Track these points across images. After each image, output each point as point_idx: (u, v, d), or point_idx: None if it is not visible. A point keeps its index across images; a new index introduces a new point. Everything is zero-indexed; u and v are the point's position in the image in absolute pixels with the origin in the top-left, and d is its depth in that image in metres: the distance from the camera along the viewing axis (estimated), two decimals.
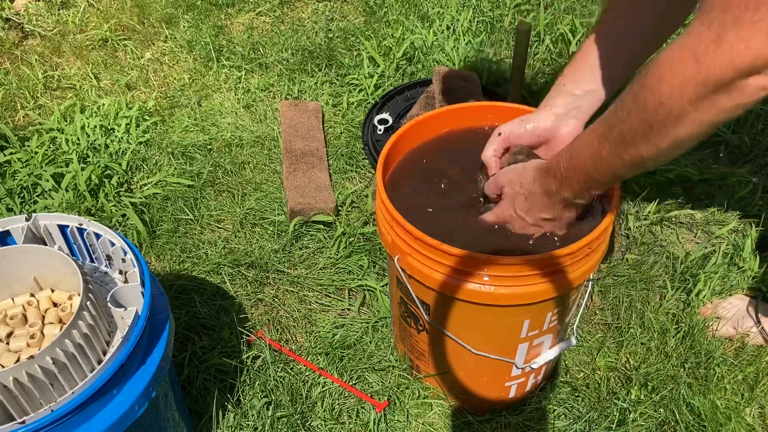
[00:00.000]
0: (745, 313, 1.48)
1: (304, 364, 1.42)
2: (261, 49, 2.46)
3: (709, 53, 0.68)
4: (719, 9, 0.66)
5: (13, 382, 0.81)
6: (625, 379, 1.40)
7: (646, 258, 1.65)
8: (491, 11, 2.55)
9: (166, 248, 1.70)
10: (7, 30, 2.58)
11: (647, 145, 0.81)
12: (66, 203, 1.74)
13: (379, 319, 1.51)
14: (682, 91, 0.72)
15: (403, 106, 2.08)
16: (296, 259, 1.68)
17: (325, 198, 1.76)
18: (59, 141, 1.98)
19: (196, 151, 2.01)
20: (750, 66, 0.66)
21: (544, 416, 1.34)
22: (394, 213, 1.05)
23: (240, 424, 1.31)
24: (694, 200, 1.81)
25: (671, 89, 0.73)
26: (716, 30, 0.67)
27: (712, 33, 0.67)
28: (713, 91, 0.70)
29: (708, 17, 0.68)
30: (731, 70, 0.67)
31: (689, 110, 0.73)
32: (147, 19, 2.65)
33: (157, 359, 0.96)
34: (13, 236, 1.04)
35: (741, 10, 0.64)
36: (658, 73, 0.75)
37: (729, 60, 0.67)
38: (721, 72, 0.68)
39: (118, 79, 2.32)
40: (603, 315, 1.54)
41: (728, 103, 0.71)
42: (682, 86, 0.72)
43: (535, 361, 1.20)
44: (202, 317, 1.51)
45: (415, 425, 1.33)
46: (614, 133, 0.84)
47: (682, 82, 0.72)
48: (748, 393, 1.37)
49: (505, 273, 0.99)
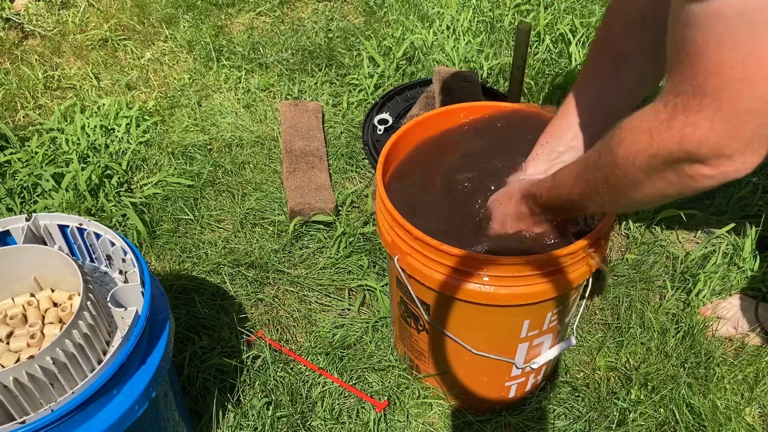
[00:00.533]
0: (745, 313, 1.48)
1: (304, 364, 1.42)
2: (261, 49, 2.46)
3: (661, 131, 0.71)
4: (674, 92, 0.69)
5: (13, 382, 0.81)
6: (625, 379, 1.40)
7: (646, 258, 1.65)
8: (491, 11, 2.55)
9: (166, 248, 1.70)
10: (7, 30, 2.58)
11: (608, 198, 0.86)
12: (66, 203, 1.74)
13: (379, 319, 1.51)
14: (635, 158, 0.76)
15: (403, 106, 2.08)
16: (296, 259, 1.68)
17: (325, 198, 1.76)
18: (59, 141, 1.98)
19: (196, 151, 2.01)
20: (695, 151, 0.68)
21: (544, 416, 1.34)
22: (394, 213, 1.05)
23: (240, 424, 1.31)
24: (694, 200, 1.81)
25: (626, 155, 0.77)
26: (670, 111, 0.69)
27: (666, 113, 0.70)
28: (663, 166, 0.73)
29: (666, 97, 0.70)
30: (678, 150, 0.70)
31: (642, 177, 0.77)
32: (147, 19, 2.65)
33: (157, 359, 0.96)
34: (13, 236, 1.04)
35: (689, 97, 0.67)
36: (618, 137, 0.79)
37: (677, 140, 0.69)
38: (668, 151, 0.71)
39: (118, 79, 2.32)
40: (603, 315, 1.54)
41: (676, 180, 0.74)
42: (636, 155, 0.76)
43: (535, 361, 1.20)
44: (202, 317, 1.51)
45: (415, 425, 1.33)
46: (584, 179, 0.89)
47: (636, 151, 0.75)
48: (748, 393, 1.37)
49: (505, 273, 0.99)
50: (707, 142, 0.67)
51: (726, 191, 1.81)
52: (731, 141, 0.66)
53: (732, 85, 0.63)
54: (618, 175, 0.80)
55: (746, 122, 0.65)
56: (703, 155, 0.68)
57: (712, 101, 0.65)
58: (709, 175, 0.70)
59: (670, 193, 0.77)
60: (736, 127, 0.65)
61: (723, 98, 0.64)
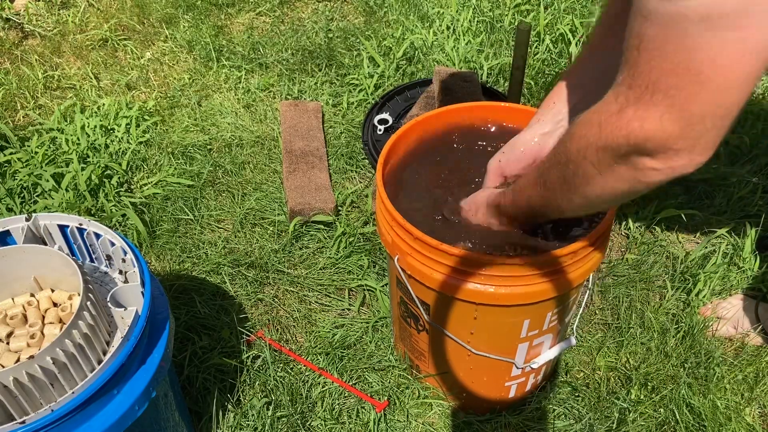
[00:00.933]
0: (745, 313, 1.48)
1: (304, 364, 1.42)
2: (261, 49, 2.46)
3: (610, 123, 0.71)
4: (626, 84, 0.69)
5: (13, 382, 0.81)
6: (625, 379, 1.40)
7: (646, 258, 1.65)
8: (491, 11, 2.55)
9: (166, 248, 1.70)
10: (7, 30, 2.58)
11: (563, 197, 0.87)
12: (66, 203, 1.74)
13: (379, 319, 1.51)
14: (586, 152, 0.76)
15: (403, 106, 2.08)
16: (296, 259, 1.68)
17: (325, 198, 1.76)
18: (59, 141, 1.98)
19: (196, 151, 2.01)
20: (642, 144, 0.69)
21: (544, 416, 1.34)
22: (394, 213, 1.05)
23: (240, 424, 1.31)
24: (694, 200, 1.81)
25: (578, 149, 0.78)
26: (621, 103, 0.70)
27: (617, 105, 0.70)
28: (611, 159, 0.73)
29: (617, 90, 0.70)
30: (626, 143, 0.70)
31: (592, 171, 0.77)
32: (147, 19, 2.65)
33: (157, 359, 0.96)
34: (13, 236, 1.04)
35: (642, 91, 0.67)
36: (571, 132, 0.79)
37: (625, 134, 0.69)
38: (617, 143, 0.71)
39: (118, 79, 2.32)
40: (603, 315, 1.54)
41: (626, 174, 0.74)
42: (586, 148, 0.76)
43: (535, 361, 1.20)
44: (202, 317, 1.51)
45: (415, 425, 1.33)
46: (542, 180, 0.90)
47: (586, 144, 0.76)
48: (748, 393, 1.37)
49: (505, 273, 0.99)
50: (654, 137, 0.67)
51: (726, 191, 1.82)
52: (679, 139, 0.67)
53: (686, 87, 0.63)
54: (571, 171, 0.81)
55: (696, 123, 0.65)
56: (650, 149, 0.69)
57: (663, 98, 0.65)
58: (656, 169, 0.70)
59: (622, 188, 0.77)
60: (685, 127, 0.66)
61: (675, 97, 0.64)
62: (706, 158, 0.69)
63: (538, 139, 1.10)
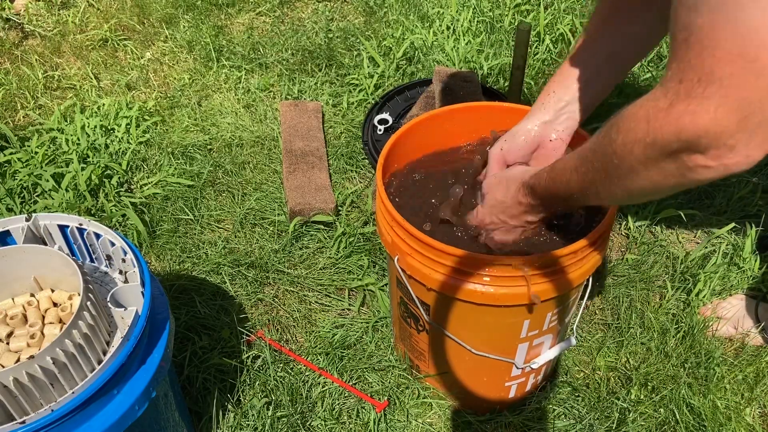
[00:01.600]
0: (745, 313, 1.48)
1: (304, 364, 1.42)
2: (261, 49, 2.46)
3: (659, 119, 0.68)
4: (676, 79, 0.66)
5: (13, 382, 0.81)
6: (625, 379, 1.40)
7: (646, 258, 1.65)
8: (491, 11, 2.55)
9: (166, 248, 1.70)
10: (7, 30, 2.58)
11: (604, 188, 0.84)
12: (66, 203, 1.74)
13: (379, 319, 1.51)
14: (632, 147, 0.74)
15: (403, 106, 2.08)
16: (296, 259, 1.68)
17: (325, 198, 1.76)
18: (59, 141, 1.98)
19: (196, 151, 2.01)
20: (694, 141, 0.66)
21: (544, 416, 1.34)
22: (394, 213, 1.05)
23: (240, 424, 1.31)
24: (694, 200, 1.81)
25: (624, 144, 0.75)
26: (670, 98, 0.67)
27: (666, 100, 0.67)
28: (660, 156, 0.71)
29: (667, 85, 0.68)
30: (676, 140, 0.67)
31: (638, 168, 0.75)
32: (147, 19, 2.65)
33: (157, 359, 0.96)
34: (13, 236, 1.04)
35: (693, 84, 0.64)
36: (617, 125, 0.76)
37: (675, 130, 0.66)
38: (666, 140, 0.68)
39: (118, 79, 2.32)
40: (603, 315, 1.54)
41: (674, 171, 0.71)
42: (633, 143, 0.73)
43: (535, 361, 1.20)
44: (202, 317, 1.51)
45: (415, 425, 1.33)
46: (582, 169, 0.87)
47: (633, 139, 0.73)
48: (748, 393, 1.37)
49: (505, 273, 0.99)
50: (708, 132, 0.64)
51: (726, 191, 1.82)
52: (735, 132, 0.63)
53: (742, 75, 0.60)
54: (615, 164, 0.78)
55: (753, 113, 0.62)
56: (702, 145, 0.65)
57: (718, 89, 0.62)
58: (709, 167, 0.67)
59: (668, 184, 0.74)
60: (742, 118, 0.62)
61: (731, 87, 0.61)
62: (763, 154, 0.65)
63: (539, 127, 1.09)
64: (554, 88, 1.08)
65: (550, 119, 1.09)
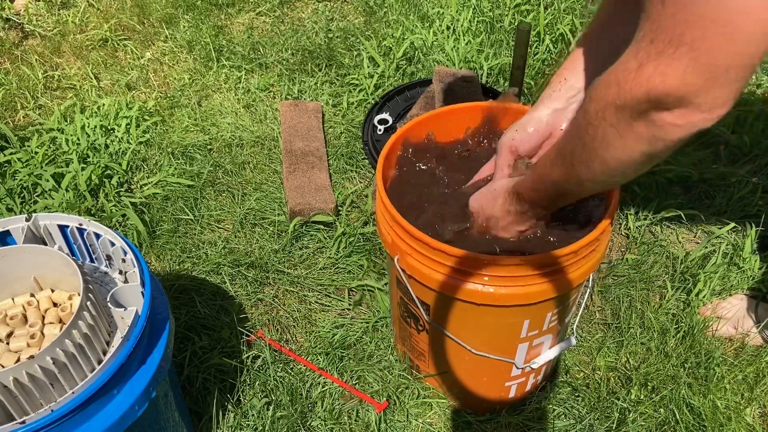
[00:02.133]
0: (745, 313, 1.48)
1: (304, 364, 1.42)
2: (261, 49, 2.46)
3: (629, 80, 0.70)
4: (648, 40, 0.68)
5: (13, 382, 0.81)
6: (625, 379, 1.40)
7: (646, 258, 1.65)
8: (491, 11, 2.55)
9: (166, 248, 1.70)
10: (7, 30, 2.58)
11: (583, 166, 0.85)
12: (66, 203, 1.74)
13: (379, 319, 1.51)
14: (604, 112, 0.75)
15: (403, 106, 2.08)
16: (296, 259, 1.68)
17: (325, 198, 1.76)
18: (59, 141, 1.98)
19: (196, 151, 2.01)
20: (663, 99, 0.67)
21: (544, 416, 1.34)
22: (394, 213, 1.05)
23: (240, 424, 1.31)
24: (694, 200, 1.81)
25: (596, 110, 0.76)
26: (640, 59, 0.69)
27: (636, 62, 0.69)
28: (630, 117, 0.72)
29: (637, 46, 0.69)
30: (645, 99, 0.69)
31: (611, 132, 0.76)
32: (147, 19, 2.65)
33: (157, 359, 0.96)
34: (13, 236, 1.05)
35: (665, 45, 0.65)
36: (590, 95, 0.78)
37: (645, 90, 0.68)
38: (636, 100, 0.70)
39: (118, 79, 2.32)
40: (603, 315, 1.54)
41: (644, 131, 0.72)
42: (605, 108, 0.75)
43: (535, 361, 1.20)
44: (202, 317, 1.51)
45: (415, 425, 1.33)
46: (562, 153, 0.88)
47: (605, 104, 0.75)
48: (748, 393, 1.37)
49: (505, 273, 0.99)
50: (677, 90, 0.66)
51: (726, 191, 1.82)
52: (701, 92, 0.65)
53: (713, 38, 0.62)
54: (591, 135, 0.79)
55: (720, 75, 0.64)
56: (670, 103, 0.68)
57: (688, 51, 0.64)
58: (676, 124, 0.69)
59: (641, 149, 0.75)
60: (708, 79, 0.64)
61: (701, 50, 0.63)
62: (726, 111, 0.68)
63: (550, 115, 1.08)
64: (566, 75, 1.07)
65: (561, 107, 1.07)
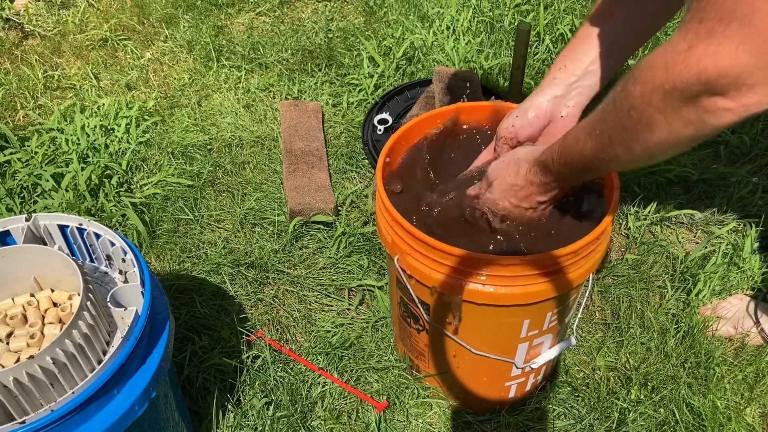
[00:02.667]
0: (745, 313, 1.48)
1: (304, 364, 1.42)
2: (261, 49, 2.46)
3: (678, 63, 0.67)
4: (696, 20, 0.65)
5: (13, 382, 0.81)
6: (625, 379, 1.40)
7: (646, 258, 1.65)
8: (491, 11, 2.55)
9: (166, 248, 1.70)
10: (7, 30, 2.58)
11: (622, 147, 0.82)
12: (66, 203, 1.74)
13: (379, 319, 1.51)
14: (651, 97, 0.72)
15: (403, 106, 2.08)
16: (296, 259, 1.68)
17: (325, 198, 1.76)
18: (59, 141, 1.98)
19: (196, 151, 2.01)
20: (715, 82, 0.65)
21: (544, 416, 1.34)
22: (394, 213, 1.05)
23: (240, 424, 1.31)
24: (694, 200, 1.81)
25: (642, 94, 0.73)
26: (690, 41, 0.66)
27: (686, 43, 0.66)
28: (680, 102, 0.69)
29: (686, 27, 0.67)
30: (696, 82, 0.66)
31: (657, 118, 0.73)
32: (147, 19, 2.65)
33: (157, 359, 0.96)
34: (13, 236, 1.04)
35: (714, 23, 0.63)
36: (634, 76, 0.75)
37: (695, 72, 0.66)
38: (686, 84, 0.67)
39: (118, 79, 2.32)
40: (603, 315, 1.54)
41: (694, 117, 0.70)
42: (652, 92, 0.72)
43: (535, 361, 1.20)
44: (202, 317, 1.51)
45: (415, 425, 1.33)
46: (597, 131, 0.85)
47: (651, 88, 0.72)
48: (748, 393, 1.37)
49: (505, 273, 0.99)
50: (729, 71, 0.63)
51: (726, 191, 1.82)
52: (756, 70, 0.63)
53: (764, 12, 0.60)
54: (634, 118, 0.76)
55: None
56: (723, 86, 0.65)
57: (739, 27, 0.61)
58: (729, 108, 0.66)
59: (688, 134, 0.72)
60: (762, 56, 0.62)
61: (752, 24, 0.61)
62: None
63: (550, 102, 1.07)
64: (566, 62, 1.06)
65: (561, 94, 1.07)
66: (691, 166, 1.87)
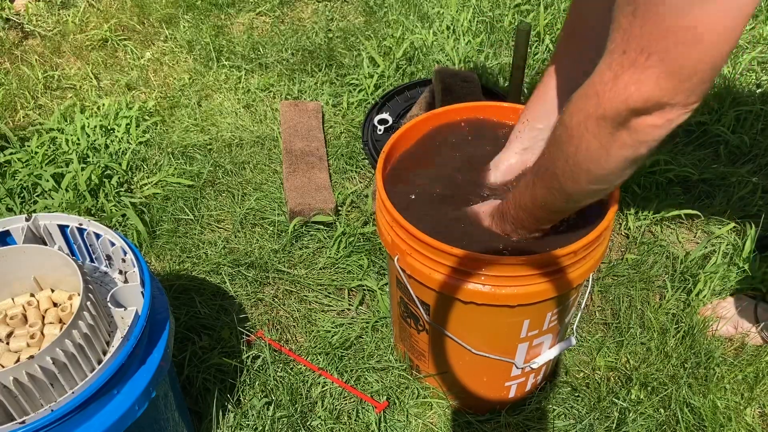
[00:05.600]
0: (746, 313, 1.48)
1: (304, 364, 1.42)
2: (261, 49, 2.46)
3: (606, 91, 0.73)
4: (620, 51, 0.71)
5: (13, 382, 0.81)
6: (625, 379, 1.40)
7: (646, 258, 1.65)
8: (491, 11, 2.55)
9: (166, 248, 1.70)
10: (7, 30, 2.58)
11: (568, 180, 0.87)
12: (66, 203, 1.74)
13: (379, 319, 1.51)
14: (586, 124, 0.78)
15: (403, 106, 2.08)
16: (296, 259, 1.68)
17: (325, 198, 1.76)
18: (59, 141, 1.98)
19: (196, 151, 2.01)
20: (641, 106, 0.71)
21: (544, 416, 1.34)
22: (394, 213, 1.05)
23: (240, 424, 1.31)
24: (694, 200, 1.81)
25: (578, 123, 0.79)
26: (615, 70, 0.72)
27: (611, 73, 0.73)
28: (612, 127, 0.75)
29: (610, 57, 0.73)
30: (624, 108, 0.72)
31: (594, 144, 0.79)
32: (147, 19, 2.65)
33: (157, 359, 0.96)
34: (13, 236, 1.04)
35: (636, 54, 0.69)
36: (569, 109, 0.81)
37: (623, 99, 0.72)
38: (616, 110, 0.73)
39: (118, 79, 2.32)
40: (603, 315, 1.54)
41: (627, 138, 0.76)
42: (586, 120, 0.78)
43: (535, 361, 1.20)
44: (202, 317, 1.51)
45: (415, 425, 1.33)
46: (542, 169, 0.91)
47: (585, 116, 0.78)
48: (748, 393, 1.37)
49: (505, 273, 0.99)
50: (652, 95, 0.70)
51: (726, 191, 1.82)
52: (675, 94, 0.70)
53: (680, 47, 0.67)
54: (573, 148, 0.82)
55: (689, 78, 0.69)
56: (648, 108, 0.71)
57: (658, 60, 0.68)
58: (656, 125, 0.73)
59: (626, 154, 0.78)
60: (680, 83, 0.69)
61: (670, 58, 0.67)
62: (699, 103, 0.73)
63: (519, 155, 1.16)
64: (527, 117, 1.14)
65: (528, 146, 1.15)
66: (691, 166, 1.87)
